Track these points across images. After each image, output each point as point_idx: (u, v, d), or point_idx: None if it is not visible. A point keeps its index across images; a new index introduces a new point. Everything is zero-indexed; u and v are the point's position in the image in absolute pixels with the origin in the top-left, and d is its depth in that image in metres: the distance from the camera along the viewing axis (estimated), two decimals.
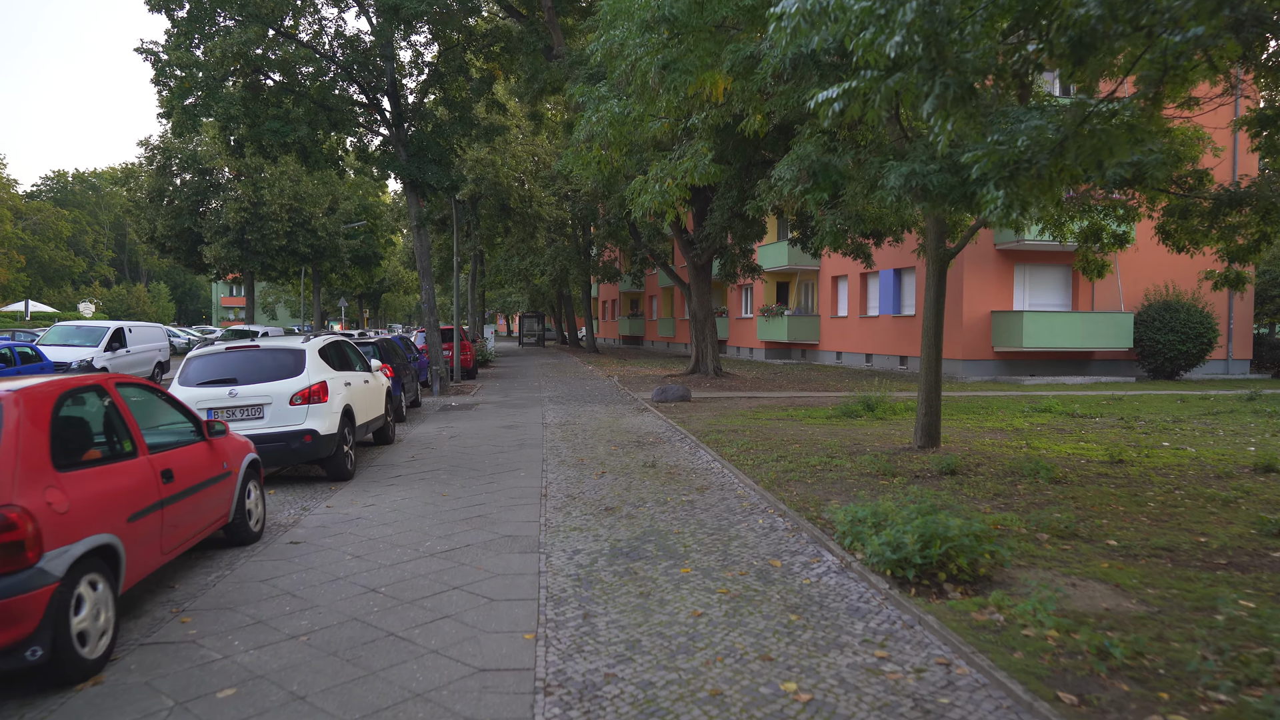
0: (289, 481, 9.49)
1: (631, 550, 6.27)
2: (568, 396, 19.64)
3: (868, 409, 15.36)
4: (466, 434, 13.29)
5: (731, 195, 18.38)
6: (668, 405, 17.10)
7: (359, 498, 8.43)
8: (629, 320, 58.07)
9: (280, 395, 8.70)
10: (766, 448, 10.94)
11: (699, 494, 8.33)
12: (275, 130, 17.79)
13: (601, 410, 16.58)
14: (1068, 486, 8.30)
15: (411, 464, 10.42)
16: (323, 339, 9.81)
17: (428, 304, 21.09)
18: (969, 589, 5.08)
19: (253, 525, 6.61)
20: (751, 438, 11.95)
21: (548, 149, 33.40)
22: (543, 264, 39.40)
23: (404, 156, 20.76)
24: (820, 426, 13.51)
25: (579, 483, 9.03)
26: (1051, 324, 24.78)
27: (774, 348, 37.58)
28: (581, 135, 9.76)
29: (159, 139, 35.10)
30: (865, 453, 10.38)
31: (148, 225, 35.74)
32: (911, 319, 28.35)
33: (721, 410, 16.14)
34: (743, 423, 14.01)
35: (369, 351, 14.70)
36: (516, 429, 13.83)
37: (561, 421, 14.77)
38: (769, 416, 15.08)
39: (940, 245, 10.36)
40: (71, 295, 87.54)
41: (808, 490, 8.16)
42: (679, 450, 11.25)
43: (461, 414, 16.35)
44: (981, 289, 25.56)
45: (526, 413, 16.31)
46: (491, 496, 8.39)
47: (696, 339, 23.81)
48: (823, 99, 4.48)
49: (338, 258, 40.96)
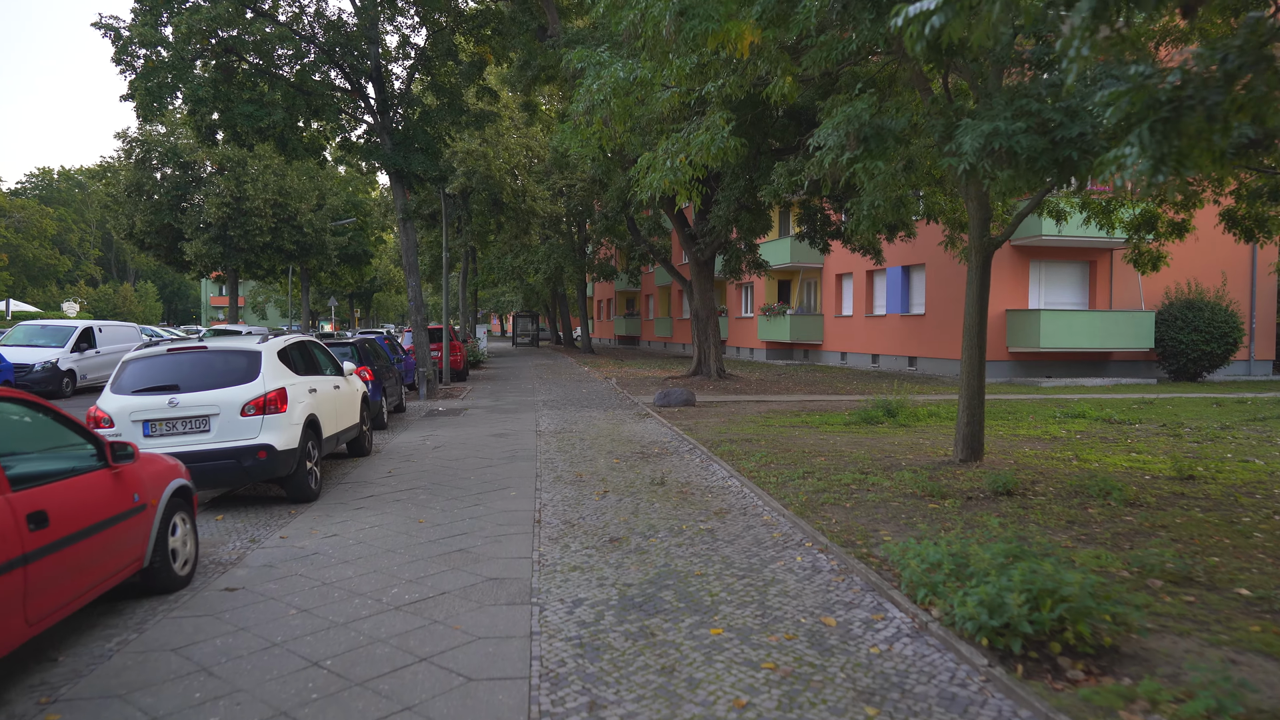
0: (242, 503, 8.25)
1: (646, 600, 5.07)
2: (563, 400, 18.42)
3: (888, 415, 14.19)
4: (452, 444, 12.06)
5: (738, 186, 17.18)
6: (671, 410, 15.89)
7: (320, 525, 7.20)
8: (625, 320, 56.84)
9: (230, 404, 7.46)
10: (788, 461, 9.74)
11: (719, 520, 7.12)
12: (249, 115, 16.52)
13: (600, 416, 15.36)
14: (1146, 510, 7.11)
15: (387, 481, 9.19)
16: (284, 339, 8.58)
17: (414, 302, 19.85)
18: (1092, 666, 3.88)
19: (179, 568, 5.37)
20: (768, 449, 10.75)
21: (542, 142, 32.15)
22: (537, 262, 38.14)
23: (389, 145, 19.52)
24: (841, 435, 12.32)
25: (578, 504, 7.82)
26: (1070, 323, 23.66)
27: (775, 348, 36.41)
28: (580, 107, 8.53)
29: (137, 131, 33.72)
30: (901, 468, 9.18)
31: (126, 221, 34.33)
32: (921, 318, 27.22)
33: (729, 416, 14.94)
34: (755, 430, 12.81)
35: (345, 353, 13.46)
36: (508, 438, 12.60)
37: (557, 429, 13.55)
38: (782, 423, 13.89)
39: (984, 233, 9.18)
40: (56, 294, 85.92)
41: (848, 517, 6.96)
42: (689, 464, 10.04)
43: (448, 420, 15.12)
44: (995, 287, 24.38)
45: (519, 419, 15.08)
46: (476, 523, 7.17)
47: (699, 339, 22.61)
48: (915, 12, 3.27)
49: (325, 255, 39.57)
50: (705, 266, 22.23)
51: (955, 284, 25.21)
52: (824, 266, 34.38)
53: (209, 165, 35.52)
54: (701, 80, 8.49)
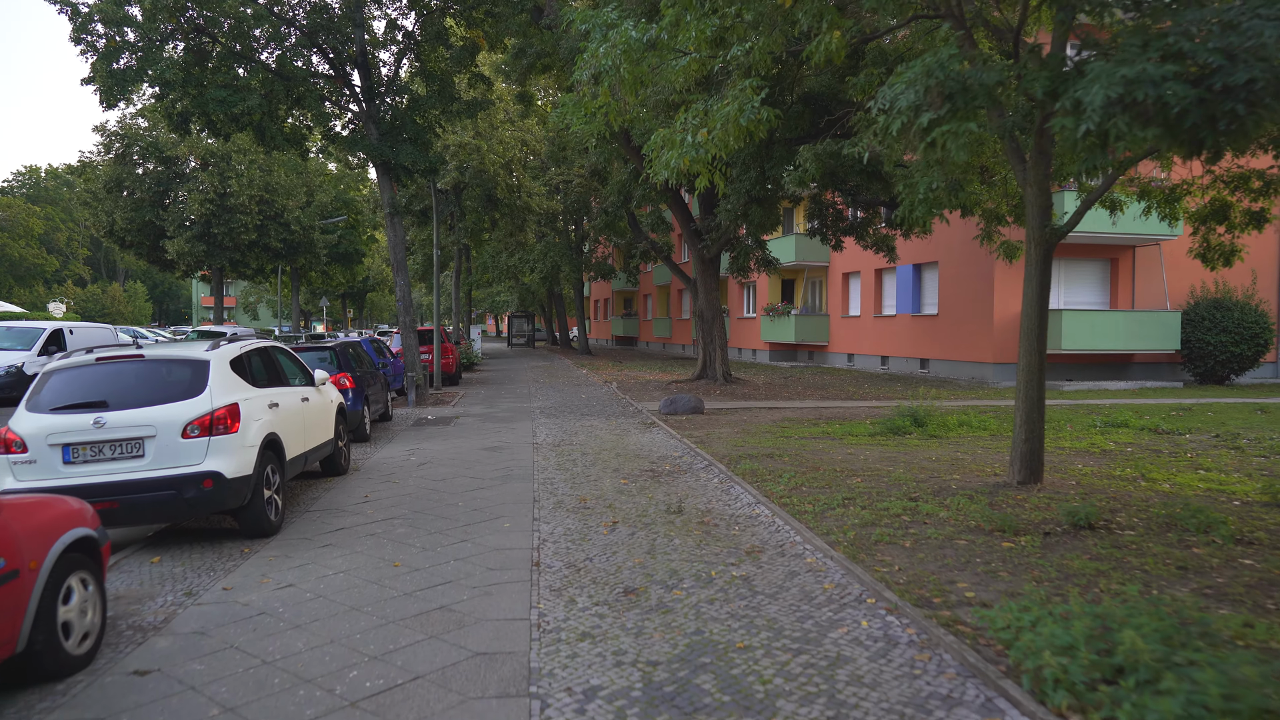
0: (187, 540, 7.05)
1: (679, 690, 3.89)
2: (561, 407, 17.24)
3: (916, 424, 13.03)
4: (440, 459, 10.86)
5: (749, 178, 16.01)
6: (678, 419, 14.72)
7: (275, 570, 6.00)
8: (623, 320, 55.65)
9: (169, 424, 6.25)
10: (820, 482, 8.57)
11: (753, 563, 5.95)
12: (222, 100, 15.29)
13: (602, 425, 14.18)
14: (1264, 551, 5.96)
15: (362, 508, 7.99)
16: (239, 345, 7.37)
17: (402, 302, 18.65)
18: None
19: (74, 645, 4.18)
20: (794, 466, 9.58)
21: (538, 135, 30.96)
22: (532, 260, 36.94)
23: (375, 135, 18.31)
24: (870, 448, 11.15)
25: (583, 540, 6.64)
26: (1092, 324, 22.55)
27: (779, 349, 35.27)
28: (585, 74, 7.37)
29: (117, 124, 32.37)
30: (953, 491, 8.02)
31: (105, 218, 32.99)
32: (934, 318, 26.09)
33: (743, 425, 13.77)
34: (773, 443, 11.64)
35: (324, 358, 12.26)
36: (502, 452, 11.41)
37: (555, 441, 12.36)
38: (801, 434, 12.72)
39: (1044, 223, 8.02)
40: (43, 294, 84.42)
41: (911, 561, 5.78)
42: (707, 485, 8.86)
43: (438, 431, 13.91)
44: (1014, 285, 23.29)
45: (514, 429, 13.89)
46: (463, 566, 5.98)
47: (703, 341, 21.43)
48: None
49: (314, 254, 38.26)
50: (710, 264, 21.07)
51: (970, 283, 24.11)
52: (830, 265, 33.26)
53: (193, 160, 34.23)
54: (724, 46, 7.32)
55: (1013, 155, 8.00)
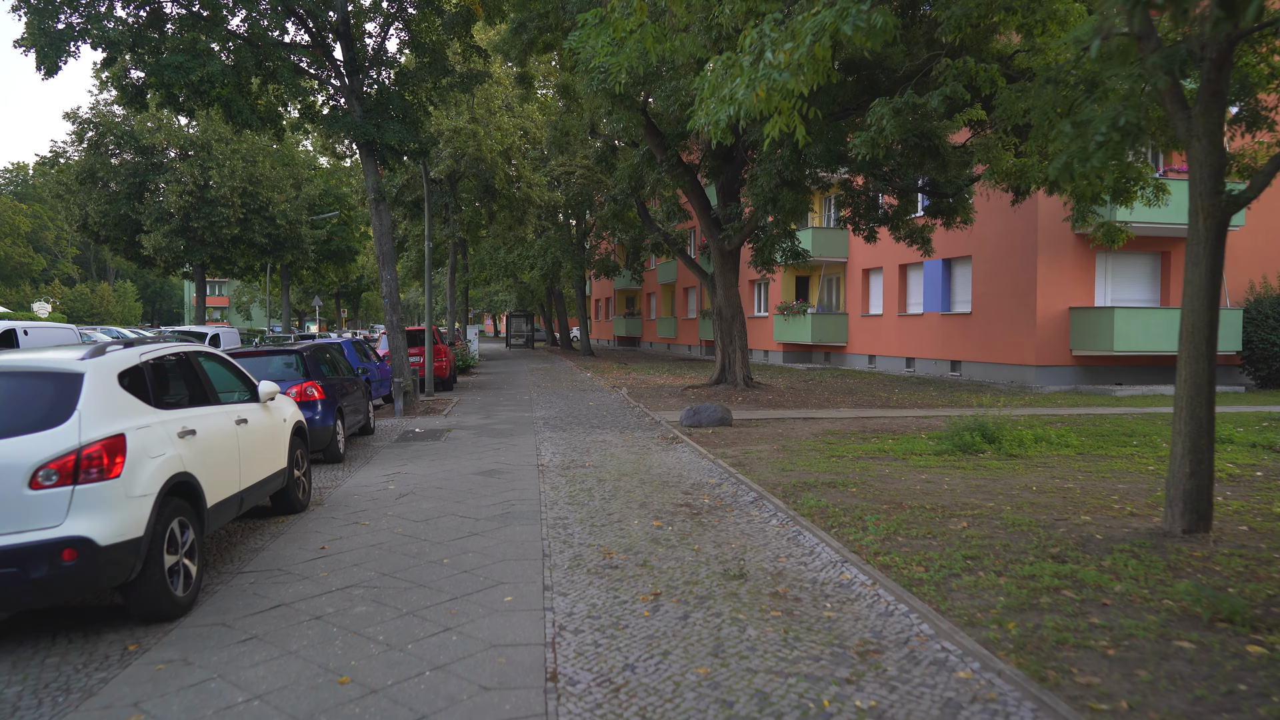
0: (52, 625, 5.07)
1: None
2: (568, 417, 15.25)
3: (986, 440, 11.07)
4: (425, 488, 8.87)
5: (780, 157, 14.02)
6: (704, 432, 12.74)
7: (160, 691, 4.01)
8: (625, 320, 53.65)
9: (8, 469, 4.27)
10: (916, 526, 6.59)
11: (877, 677, 3.96)
12: (179, 66, 13.30)
13: (616, 441, 12.19)
14: None
15: (314, 568, 5.99)
16: (137, 351, 5.37)
17: (389, 299, 16.66)
18: None
19: None
20: (868, 499, 7.61)
21: (539, 122, 28.97)
22: (532, 257, 34.93)
23: (358, 113, 16.34)
24: (946, 473, 9.18)
25: (618, 629, 4.65)
26: (1146, 323, 20.59)
27: (794, 350, 33.31)
28: None
29: (89, 110, 30.32)
30: (1098, 542, 6.03)
31: (78, 211, 30.94)
32: (966, 317, 24.13)
33: (782, 441, 11.79)
34: (827, 465, 9.67)
35: (288, 364, 10.27)
36: (500, 477, 9.43)
37: (564, 461, 10.38)
38: (853, 451, 10.75)
39: (1217, 188, 6.06)
40: (30, 294, 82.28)
41: (1131, 684, 3.78)
42: (766, 529, 6.87)
43: (425, 448, 11.92)
44: (1057, 281, 21.37)
45: (514, 445, 11.91)
46: (443, 682, 4.00)
47: (722, 342, 19.45)
48: None
49: (302, 250, 36.20)
50: (730, 257, 19.10)
51: (1009, 278, 22.15)
52: (848, 261, 31.31)
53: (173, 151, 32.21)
54: None
55: (1172, 101, 6.04)
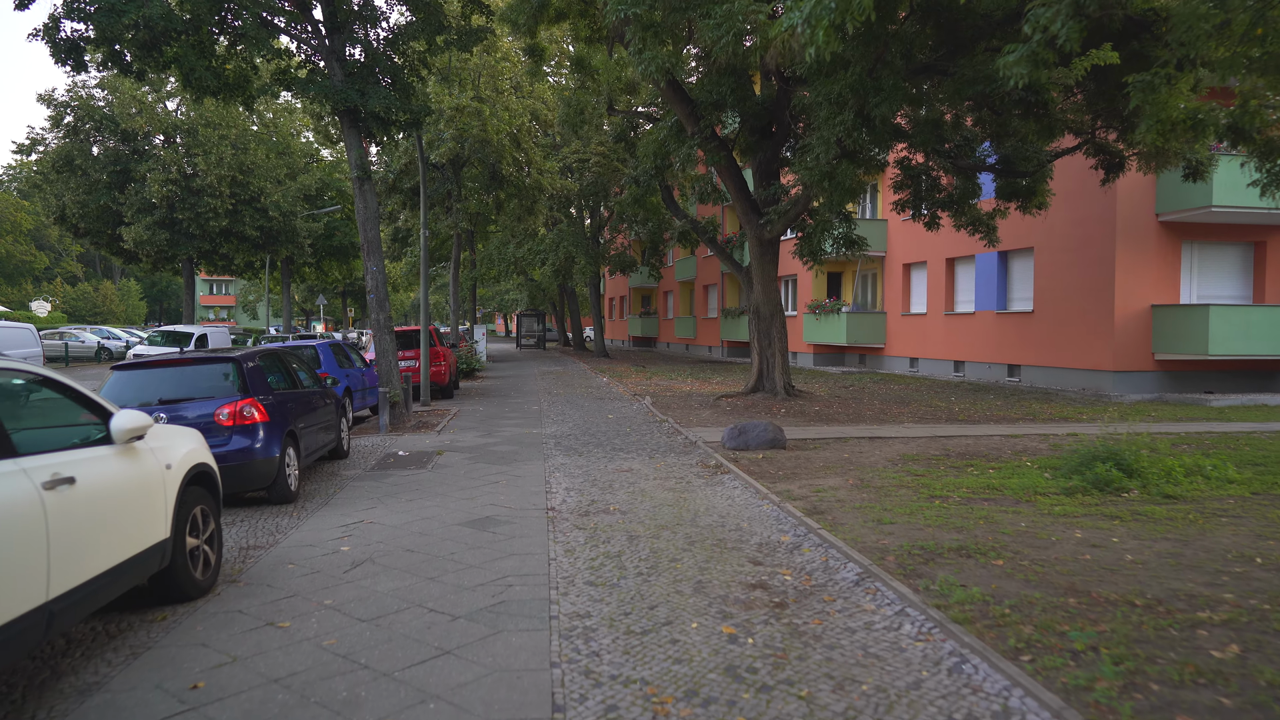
0: None
1: None
2: (584, 436, 12.77)
3: (1123, 471, 8.53)
4: (388, 554, 6.40)
5: (842, 120, 11.47)
6: (755, 458, 10.24)
7: None
8: (640, 319, 51.14)
9: None
10: (1156, 652, 4.07)
11: None
12: (109, 8, 10.93)
13: (646, 470, 9.71)
14: None
15: None
16: None
17: (374, 294, 14.24)
18: None
19: None
20: (1028, 580, 5.09)
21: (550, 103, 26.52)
22: (543, 252, 32.48)
23: (340, 76, 13.94)
24: (1102, 525, 6.65)
25: None
26: (1246, 322, 17.96)
27: (825, 352, 30.76)
28: None
29: (66, 93, 28.04)
30: None
31: (55, 202, 28.70)
32: (1026, 316, 21.54)
33: (855, 471, 9.28)
34: (934, 513, 7.15)
35: (223, 376, 7.84)
36: (495, 533, 6.96)
37: (583, 505, 7.91)
38: (953, 488, 8.23)
39: None
40: (31, 293, 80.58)
41: None
42: (900, 646, 4.35)
43: (405, 481, 9.46)
44: (1138, 275, 18.75)
45: (518, 477, 9.44)
46: None
47: (760, 344, 16.92)
48: None
49: (297, 244, 33.84)
50: (770, 247, 16.58)
51: (1080, 272, 19.55)
52: (886, 255, 28.71)
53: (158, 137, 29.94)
54: None
55: None
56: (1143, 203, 18.77)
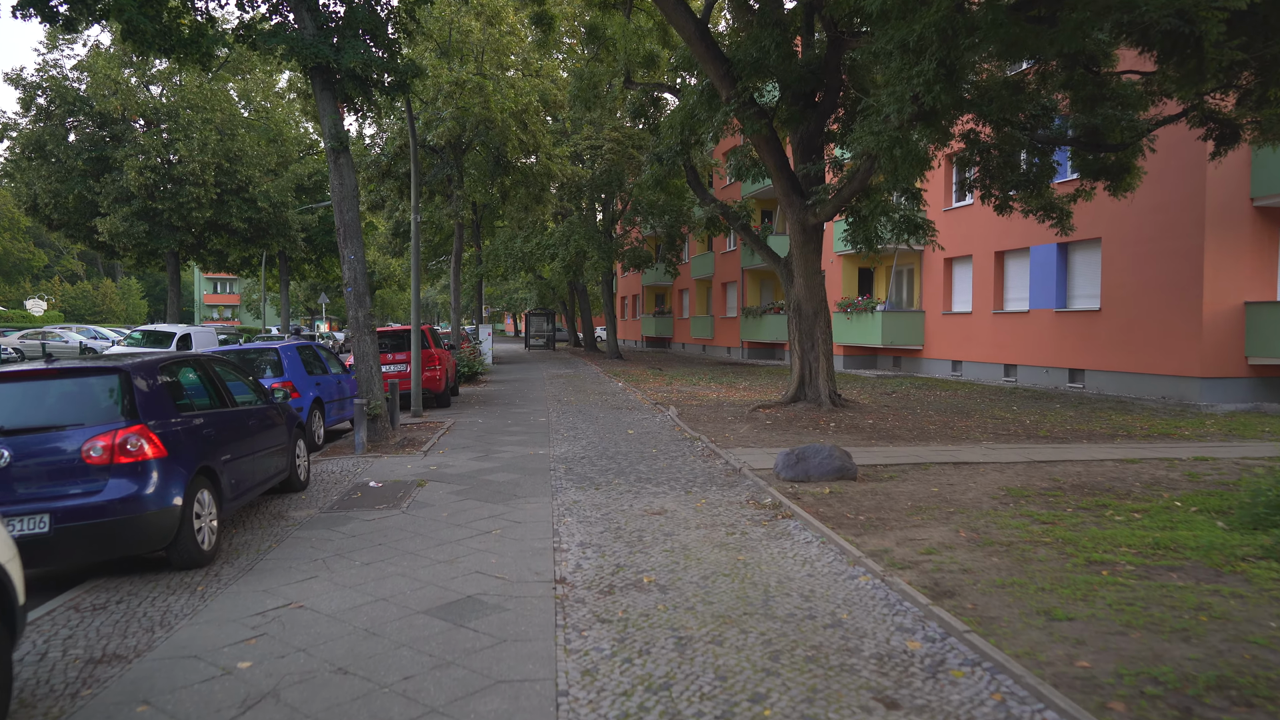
0: None
1: None
2: (600, 459, 10.50)
3: None
4: (307, 683, 4.13)
5: (923, 69, 9.17)
6: (818, 492, 7.97)
7: None
8: (654, 319, 48.88)
9: None
10: None
11: None
12: None
13: (684, 512, 7.44)
14: None
15: None
16: None
17: (352, 287, 12.02)
18: None
19: None
20: None
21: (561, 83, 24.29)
22: (553, 246, 30.26)
23: (311, 29, 11.76)
24: None
25: None
26: None
27: (856, 353, 28.47)
28: None
29: (35, 73, 25.99)
30: None
31: (25, 191, 26.65)
32: (1092, 315, 19.21)
33: (961, 517, 6.97)
34: (1118, 594, 4.84)
35: (107, 392, 5.64)
36: (477, 628, 4.70)
37: (605, 574, 5.65)
38: (1114, 549, 5.92)
39: None
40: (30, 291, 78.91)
41: None
42: None
43: (366, 531, 7.20)
44: (1229, 269, 16.39)
45: (516, 525, 7.18)
46: None
47: (802, 347, 14.64)
48: None
49: (289, 237, 31.71)
50: (813, 234, 14.29)
51: (1159, 266, 17.21)
52: (925, 248, 26.37)
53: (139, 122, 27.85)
54: None
55: None
56: (1236, 186, 16.42)
